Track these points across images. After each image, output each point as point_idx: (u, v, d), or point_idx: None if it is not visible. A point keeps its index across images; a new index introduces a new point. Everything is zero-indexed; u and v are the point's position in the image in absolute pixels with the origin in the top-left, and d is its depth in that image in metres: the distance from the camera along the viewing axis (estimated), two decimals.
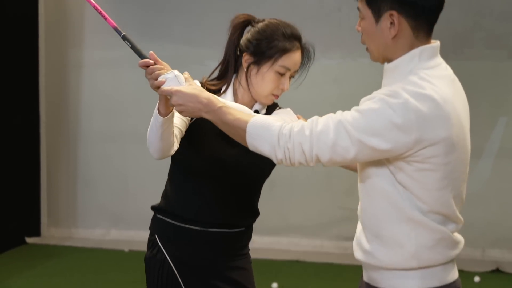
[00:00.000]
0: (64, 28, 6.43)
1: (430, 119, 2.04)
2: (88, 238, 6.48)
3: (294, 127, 2.16)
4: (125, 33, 2.43)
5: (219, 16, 3.12)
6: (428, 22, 2.18)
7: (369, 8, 2.17)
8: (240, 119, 2.24)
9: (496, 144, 5.87)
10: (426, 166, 2.09)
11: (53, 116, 6.53)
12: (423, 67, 2.13)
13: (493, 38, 5.93)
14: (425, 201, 2.13)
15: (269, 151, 2.19)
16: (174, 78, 2.34)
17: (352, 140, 2.07)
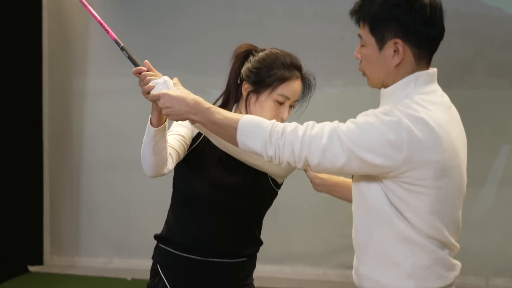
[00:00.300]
0: (68, 57, 6.46)
1: (422, 142, 2.07)
2: (91, 267, 6.46)
3: (288, 126, 2.18)
4: (123, 45, 2.50)
5: (222, 45, 3.13)
6: (430, 51, 2.21)
7: (372, 36, 2.19)
8: (230, 117, 2.25)
9: (499, 172, 5.86)
10: (415, 188, 2.11)
11: (56, 144, 6.54)
12: (418, 92, 2.16)
13: (495, 66, 5.94)
14: (415, 225, 2.15)
15: (260, 148, 2.20)
16: (163, 83, 2.37)
17: (343, 148, 2.10)
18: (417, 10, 2.15)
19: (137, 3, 6.33)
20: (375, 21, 2.17)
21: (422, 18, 2.15)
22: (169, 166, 2.57)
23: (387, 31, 2.16)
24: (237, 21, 6.14)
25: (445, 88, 2.29)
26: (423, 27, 2.16)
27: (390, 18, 2.15)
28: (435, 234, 2.18)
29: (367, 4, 2.19)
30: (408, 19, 2.14)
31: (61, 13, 6.36)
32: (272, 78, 2.63)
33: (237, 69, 2.73)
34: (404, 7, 2.14)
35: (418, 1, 2.15)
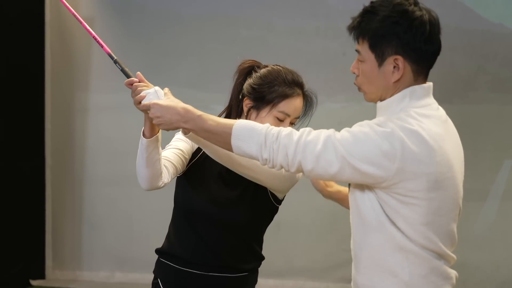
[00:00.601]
0: (70, 72, 6.47)
1: (415, 154, 2.09)
2: (93, 281, 6.46)
3: (283, 130, 2.20)
4: (116, 58, 2.52)
5: (224, 61, 3.15)
6: (428, 66, 2.24)
7: (372, 52, 2.21)
8: (223, 123, 2.26)
9: (501, 187, 5.86)
10: (408, 199, 2.14)
11: (58, 159, 6.54)
12: (413, 106, 2.19)
13: (497, 82, 5.95)
14: (409, 235, 2.17)
15: (256, 151, 2.21)
16: (154, 93, 2.40)
17: (337, 155, 2.12)
18: (418, 27, 2.17)
19: (139, 19, 6.35)
20: (375, 37, 2.19)
21: (422, 35, 2.18)
22: (165, 179, 2.57)
23: (388, 47, 2.18)
24: (239, 37, 6.16)
25: (447, 103, 2.31)
26: (423, 44, 2.18)
27: (391, 35, 2.17)
28: (429, 245, 2.19)
29: (366, 20, 2.21)
30: (408, 36, 2.16)
31: (63, 29, 6.38)
32: (273, 95, 2.63)
33: (239, 85, 2.75)
34: (405, 25, 2.16)
35: (418, 18, 2.18)
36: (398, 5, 2.18)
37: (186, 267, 2.71)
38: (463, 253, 5.92)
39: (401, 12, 2.17)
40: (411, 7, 2.19)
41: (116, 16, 6.30)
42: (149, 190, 2.59)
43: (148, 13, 6.34)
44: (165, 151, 2.66)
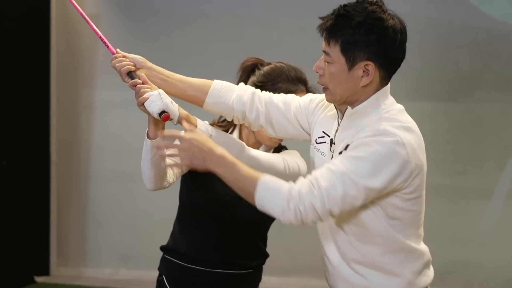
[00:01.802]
0: (76, 69, 6.48)
1: (416, 148, 2.18)
2: (97, 277, 6.46)
3: (302, 187, 2.19)
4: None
5: (230, 59, 3.15)
6: (393, 72, 2.29)
7: (342, 55, 2.23)
8: (249, 177, 2.23)
9: (505, 185, 5.86)
10: (415, 194, 2.22)
11: (63, 156, 6.55)
12: (387, 105, 2.25)
13: (502, 80, 5.94)
14: (413, 227, 2.27)
15: (278, 214, 2.22)
16: (158, 95, 2.40)
17: (359, 188, 2.14)
18: (390, 36, 2.20)
19: (145, 17, 6.35)
20: (348, 42, 2.21)
21: (394, 44, 2.21)
22: (169, 179, 2.58)
23: (360, 53, 2.21)
24: (245, 35, 6.16)
25: (452, 101, 2.35)
26: (394, 52, 2.23)
27: (364, 42, 2.20)
28: (421, 231, 2.32)
29: (339, 24, 2.23)
30: (381, 44, 2.20)
31: (69, 25, 6.39)
32: (277, 92, 2.64)
33: (243, 82, 2.75)
34: (378, 33, 2.19)
35: (391, 27, 2.21)
36: (372, 13, 2.21)
37: (191, 263, 2.72)
38: (467, 252, 5.97)
39: (376, 20, 2.20)
40: (385, 15, 2.22)
41: (121, 14, 6.31)
42: (154, 190, 2.60)
43: (153, 10, 6.34)
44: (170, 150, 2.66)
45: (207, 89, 2.49)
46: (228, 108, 2.49)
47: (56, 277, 6.48)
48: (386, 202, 2.20)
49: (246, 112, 2.48)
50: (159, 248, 2.89)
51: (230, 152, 2.32)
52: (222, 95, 2.49)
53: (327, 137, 2.37)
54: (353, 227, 2.28)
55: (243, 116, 2.49)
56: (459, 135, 5.80)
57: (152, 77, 2.49)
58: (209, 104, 2.50)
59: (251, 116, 2.48)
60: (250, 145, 2.72)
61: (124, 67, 2.47)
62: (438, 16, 5.78)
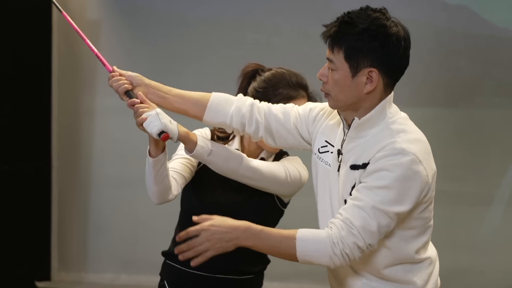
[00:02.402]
0: (77, 74, 6.49)
1: (428, 158, 2.21)
2: (98, 283, 6.47)
3: (341, 230, 2.20)
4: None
5: (231, 64, 3.16)
6: (397, 79, 2.30)
7: (346, 62, 2.24)
8: (285, 237, 2.25)
9: (506, 192, 5.86)
10: (429, 203, 2.26)
11: (64, 162, 6.55)
12: (391, 113, 2.27)
13: (503, 86, 5.95)
14: (424, 234, 2.29)
15: (327, 262, 2.24)
16: (155, 115, 2.41)
17: (391, 216, 2.17)
18: (394, 43, 2.21)
19: (146, 22, 6.36)
20: (352, 49, 2.22)
21: (397, 51, 2.22)
22: (174, 191, 2.59)
23: (363, 60, 2.22)
24: (246, 40, 6.17)
25: (453, 107, 2.36)
26: (397, 59, 2.23)
27: (368, 49, 2.21)
28: (430, 235, 2.34)
29: (343, 31, 2.24)
30: (385, 51, 2.21)
31: (70, 31, 6.36)
32: (278, 98, 2.64)
33: (244, 89, 2.75)
34: (382, 39, 2.20)
35: (395, 34, 2.22)
36: (376, 20, 2.22)
37: (193, 269, 2.72)
38: (468, 257, 5.96)
39: (380, 27, 2.21)
40: (388, 22, 2.23)
41: (123, 19, 6.31)
42: (159, 204, 2.61)
43: (154, 16, 6.35)
44: (172, 161, 2.66)
45: (205, 103, 2.49)
46: (227, 121, 2.50)
47: (57, 282, 6.48)
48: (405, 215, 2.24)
49: (246, 124, 2.49)
50: (160, 253, 2.89)
51: (230, 165, 2.34)
52: (221, 109, 2.49)
53: (331, 147, 2.37)
54: None
55: (242, 128, 2.50)
56: (459, 141, 5.80)
57: (149, 94, 2.49)
58: (208, 118, 2.51)
59: (250, 128, 2.49)
60: (251, 151, 2.73)
61: (121, 86, 2.47)
62: (438, 22, 5.79)
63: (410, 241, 2.25)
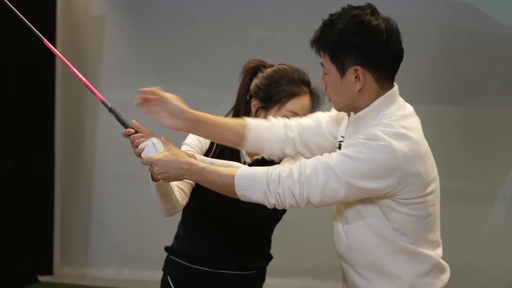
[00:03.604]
0: (81, 69, 6.37)
1: (410, 156, 2.15)
2: (101, 277, 6.48)
3: (283, 172, 2.23)
4: (111, 106, 2.61)
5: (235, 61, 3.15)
6: (390, 72, 2.28)
7: (333, 64, 2.26)
8: (225, 175, 2.29)
9: (510, 189, 5.86)
10: (413, 200, 2.20)
11: (68, 157, 6.57)
12: (392, 110, 2.24)
13: (507, 84, 5.94)
14: (414, 232, 2.24)
15: (262, 198, 2.26)
16: (152, 145, 2.41)
17: (341, 182, 2.16)
18: (375, 37, 2.20)
19: (151, 18, 6.36)
20: (334, 50, 2.24)
21: (379, 44, 2.21)
22: (183, 202, 2.61)
23: (347, 59, 2.22)
24: (250, 37, 6.17)
25: (457, 105, 2.35)
26: (381, 52, 2.22)
27: (349, 46, 2.21)
28: (431, 236, 2.29)
29: (326, 33, 2.27)
30: (366, 46, 2.20)
31: (74, 27, 6.40)
32: (281, 94, 2.64)
33: (246, 85, 2.75)
34: (362, 35, 2.20)
35: (375, 28, 2.21)
36: (354, 17, 2.22)
37: (196, 264, 2.72)
38: (471, 255, 5.96)
39: (358, 23, 2.21)
40: (367, 17, 2.22)
41: (127, 15, 6.32)
42: (169, 216, 2.63)
43: (159, 12, 6.35)
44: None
45: (242, 131, 2.46)
46: (266, 147, 2.49)
47: (59, 277, 6.49)
48: (383, 204, 2.21)
49: (284, 147, 2.48)
50: (162, 248, 2.89)
51: None
52: (259, 136, 2.47)
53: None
54: (356, 227, 2.30)
55: (282, 151, 2.49)
56: (463, 138, 5.80)
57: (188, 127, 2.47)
58: (247, 147, 2.49)
59: (288, 148, 2.48)
60: None
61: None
62: (443, 19, 5.78)
63: (401, 232, 2.21)
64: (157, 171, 2.33)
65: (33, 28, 2.62)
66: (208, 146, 2.73)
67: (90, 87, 2.58)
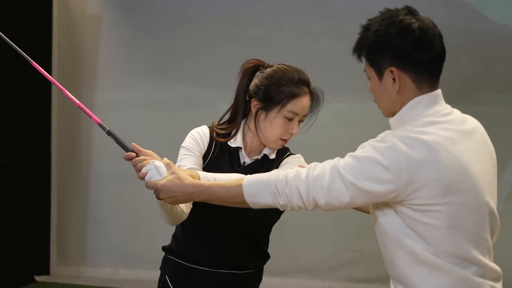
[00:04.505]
0: (77, 69, 6.49)
1: (420, 160, 2.08)
2: (97, 277, 6.47)
3: (289, 173, 2.22)
4: (109, 129, 2.58)
5: (231, 59, 3.16)
6: (430, 73, 2.22)
7: (372, 68, 2.23)
8: (232, 186, 2.30)
9: (506, 188, 5.87)
10: (426, 207, 2.12)
11: (64, 156, 6.56)
12: (421, 115, 2.18)
13: (503, 83, 5.96)
14: (434, 243, 2.15)
15: (272, 201, 2.25)
16: (155, 169, 2.41)
17: (346, 183, 2.13)
18: (406, 35, 2.17)
19: (147, 18, 6.36)
20: (370, 53, 2.21)
21: (411, 43, 2.17)
22: (187, 210, 2.62)
23: (382, 61, 2.19)
24: (246, 36, 6.18)
25: (453, 104, 2.31)
26: (414, 51, 2.17)
27: (383, 47, 2.18)
28: (456, 251, 2.17)
29: (363, 38, 2.23)
30: (398, 45, 2.17)
31: (70, 26, 6.40)
32: (282, 95, 2.64)
33: (245, 85, 2.74)
34: (393, 35, 2.17)
35: (407, 27, 2.18)
36: (387, 18, 2.20)
37: (195, 264, 2.73)
38: None
39: (389, 24, 2.19)
40: (400, 17, 2.19)
41: (124, 14, 6.32)
42: (175, 225, 2.64)
43: (155, 11, 6.36)
44: None
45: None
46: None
47: (56, 277, 6.49)
48: (402, 213, 2.16)
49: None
50: (159, 248, 2.89)
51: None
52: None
53: None
54: (379, 236, 2.26)
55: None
56: None
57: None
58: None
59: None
60: (254, 148, 2.73)
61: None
62: (439, 18, 5.70)
63: (420, 242, 2.13)
64: (163, 196, 2.35)
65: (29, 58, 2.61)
66: (206, 148, 2.73)
67: (85, 110, 2.58)
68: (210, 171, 2.63)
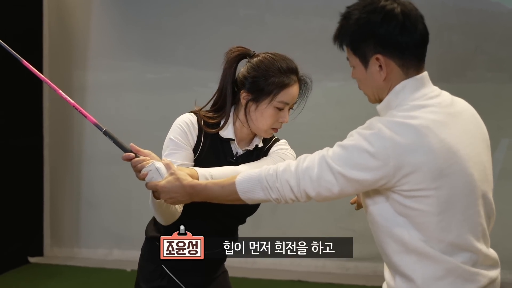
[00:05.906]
0: (68, 50, 6.47)
1: (406, 145, 2.06)
2: (91, 258, 6.49)
3: (279, 167, 2.23)
4: (106, 129, 2.59)
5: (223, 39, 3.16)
6: (415, 57, 2.20)
7: (356, 56, 2.21)
8: (227, 184, 2.34)
9: (498, 166, 5.89)
10: (416, 193, 2.10)
11: (56, 138, 6.56)
12: (408, 99, 2.16)
13: (495, 61, 5.96)
14: (425, 230, 2.13)
15: (265, 195, 2.26)
16: (155, 170, 2.43)
17: (334, 173, 2.12)
18: (389, 21, 2.13)
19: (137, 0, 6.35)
20: (353, 42, 2.19)
21: (396, 28, 2.13)
22: (180, 209, 2.62)
23: (367, 48, 2.17)
24: (238, 16, 6.15)
25: (444, 82, 2.30)
26: (400, 37, 2.14)
27: (366, 35, 2.15)
28: (447, 236, 2.14)
29: (343, 26, 2.21)
30: (382, 32, 2.14)
31: (61, 7, 6.37)
32: (271, 87, 2.61)
33: (232, 74, 2.71)
34: (376, 21, 2.14)
35: (390, 12, 2.14)
36: (368, 5, 2.17)
37: None
38: None
39: (372, 10, 2.15)
40: (381, 3, 2.15)
41: None
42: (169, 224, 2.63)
43: None
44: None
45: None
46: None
47: (49, 258, 6.51)
48: (391, 199, 2.14)
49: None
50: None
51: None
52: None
53: None
54: (371, 225, 2.25)
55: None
56: None
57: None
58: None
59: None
60: (244, 137, 2.72)
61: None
62: None
63: (410, 229, 2.12)
64: (163, 197, 2.40)
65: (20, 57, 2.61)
66: (196, 139, 2.69)
67: (81, 110, 2.60)
68: (203, 163, 2.62)
